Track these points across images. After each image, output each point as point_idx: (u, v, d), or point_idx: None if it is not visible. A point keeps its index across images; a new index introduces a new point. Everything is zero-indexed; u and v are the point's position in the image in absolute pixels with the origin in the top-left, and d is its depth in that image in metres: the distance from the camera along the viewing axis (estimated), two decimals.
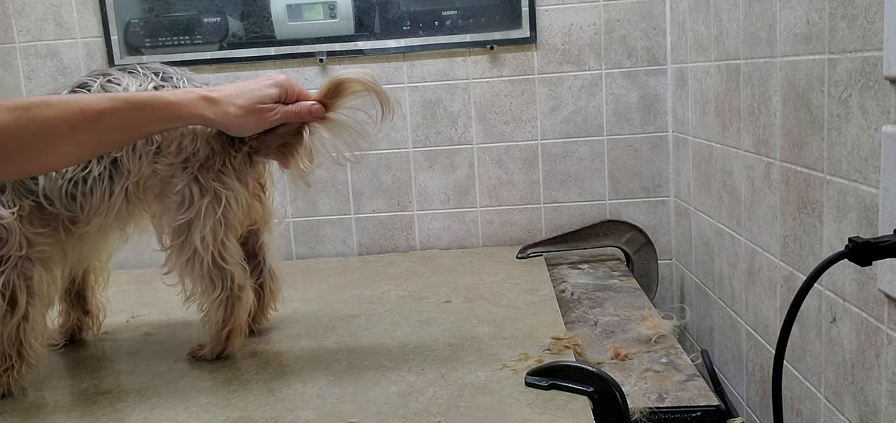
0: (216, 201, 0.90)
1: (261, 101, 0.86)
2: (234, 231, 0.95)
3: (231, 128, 0.87)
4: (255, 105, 0.85)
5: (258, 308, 1.06)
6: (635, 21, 1.47)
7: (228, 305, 0.95)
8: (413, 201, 1.56)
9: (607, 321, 1.14)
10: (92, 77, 0.93)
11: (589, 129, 1.52)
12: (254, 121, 0.86)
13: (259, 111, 0.86)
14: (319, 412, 0.81)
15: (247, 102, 0.85)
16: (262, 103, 0.86)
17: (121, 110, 0.79)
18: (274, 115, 0.87)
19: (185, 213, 0.91)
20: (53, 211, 0.90)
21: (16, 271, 0.87)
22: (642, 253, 1.49)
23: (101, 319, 1.11)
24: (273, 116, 0.87)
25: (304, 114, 0.89)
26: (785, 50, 0.92)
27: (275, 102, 0.87)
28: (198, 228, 0.90)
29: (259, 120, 0.86)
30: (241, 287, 0.95)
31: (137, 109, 0.80)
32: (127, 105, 0.80)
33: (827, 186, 0.83)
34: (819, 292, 0.86)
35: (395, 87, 1.52)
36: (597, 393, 0.80)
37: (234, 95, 0.85)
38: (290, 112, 0.88)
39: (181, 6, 1.49)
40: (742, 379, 1.16)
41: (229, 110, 0.84)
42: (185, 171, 0.91)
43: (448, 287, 1.26)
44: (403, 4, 1.47)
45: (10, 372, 0.90)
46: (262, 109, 0.86)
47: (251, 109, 0.85)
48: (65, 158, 0.79)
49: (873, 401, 0.76)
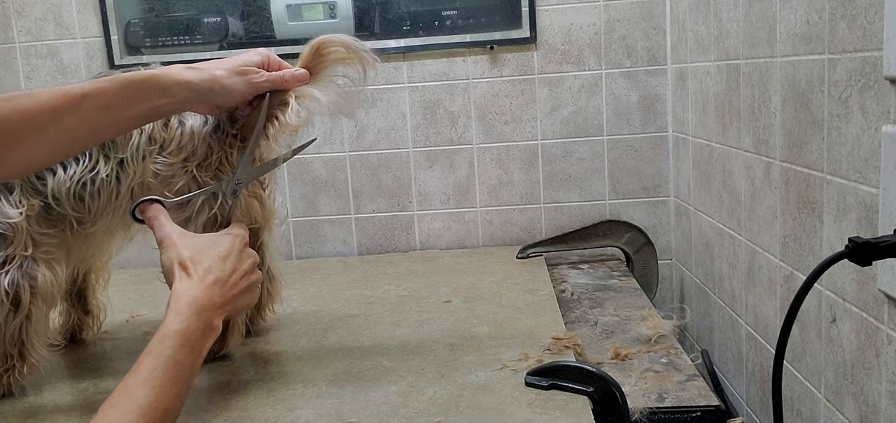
0: (212, 198, 0.91)
1: (245, 64, 0.85)
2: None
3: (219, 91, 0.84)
4: (239, 67, 0.85)
5: (255, 309, 1.06)
6: (635, 21, 1.47)
7: None
8: (413, 201, 1.56)
9: (607, 321, 1.14)
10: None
11: (589, 129, 1.52)
12: (241, 81, 0.85)
13: (245, 72, 0.85)
14: (319, 412, 0.81)
15: (231, 64, 0.85)
16: (246, 66, 0.85)
17: (105, 90, 0.77)
18: (259, 77, 0.86)
19: (183, 211, 0.91)
20: (61, 211, 0.90)
21: (21, 271, 0.88)
22: (642, 253, 1.49)
23: (101, 318, 1.11)
24: (258, 78, 0.86)
25: (289, 79, 0.88)
26: (785, 50, 0.92)
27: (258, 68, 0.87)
28: (193, 224, 0.90)
29: (246, 82, 0.85)
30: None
31: (121, 87, 0.78)
32: (110, 84, 0.78)
33: (827, 186, 0.83)
34: (819, 292, 0.86)
35: (395, 87, 1.52)
36: (597, 393, 0.80)
37: (218, 62, 0.85)
38: (275, 78, 0.87)
39: (181, 6, 1.49)
40: (742, 379, 1.16)
41: (215, 72, 0.83)
42: (185, 169, 0.91)
43: (448, 287, 1.26)
44: (403, 4, 1.48)
45: (10, 372, 0.90)
46: (247, 71, 0.85)
47: (236, 70, 0.85)
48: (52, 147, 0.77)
49: (873, 401, 0.76)
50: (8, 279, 0.87)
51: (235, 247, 0.82)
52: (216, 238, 0.82)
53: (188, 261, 0.77)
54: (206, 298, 0.75)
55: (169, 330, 0.70)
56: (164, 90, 0.81)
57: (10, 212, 0.87)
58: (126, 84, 0.79)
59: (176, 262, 0.77)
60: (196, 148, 0.91)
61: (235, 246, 0.82)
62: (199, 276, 0.76)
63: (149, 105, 0.81)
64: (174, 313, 0.72)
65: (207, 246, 0.80)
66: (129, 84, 0.79)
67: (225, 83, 0.84)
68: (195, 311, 0.73)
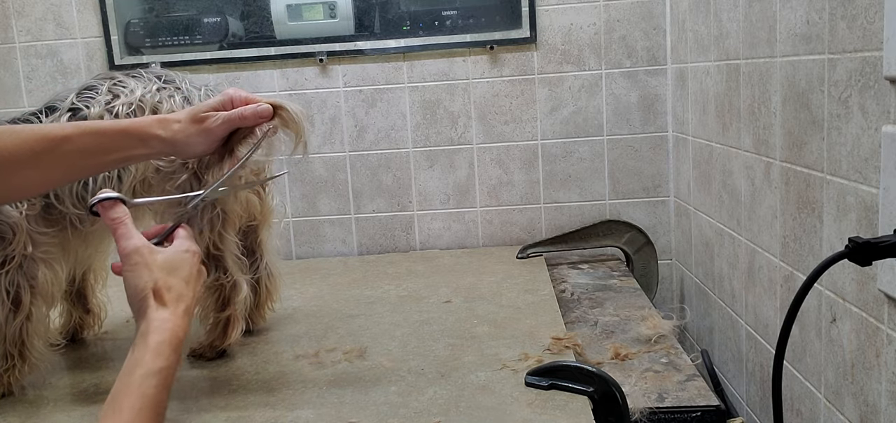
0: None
1: (200, 110, 0.83)
2: (232, 225, 0.96)
3: (179, 145, 0.83)
4: (195, 114, 0.83)
5: (255, 306, 1.06)
6: (635, 21, 1.47)
7: (222, 292, 0.96)
8: (413, 201, 1.56)
9: (607, 321, 1.14)
10: (100, 80, 0.94)
11: (589, 129, 1.52)
12: (196, 129, 0.83)
13: (200, 120, 0.83)
14: (319, 412, 0.81)
15: (186, 114, 0.83)
16: (202, 113, 0.83)
17: (83, 136, 0.78)
18: (215, 121, 0.83)
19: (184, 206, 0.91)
20: (61, 210, 0.91)
21: (21, 271, 0.88)
22: (642, 253, 1.49)
23: (102, 318, 1.12)
24: (213, 122, 0.83)
25: (248, 116, 0.85)
26: (785, 50, 0.92)
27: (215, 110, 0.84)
28: (196, 220, 0.91)
29: (201, 129, 0.83)
30: (232, 276, 0.96)
31: (98, 135, 0.79)
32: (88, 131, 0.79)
33: (827, 186, 0.83)
34: (819, 292, 0.86)
35: (395, 87, 1.52)
36: (597, 393, 0.80)
37: (180, 114, 0.84)
38: (232, 116, 0.84)
39: (181, 6, 1.49)
40: (742, 379, 1.16)
41: (173, 126, 0.82)
42: (186, 166, 0.92)
43: (448, 287, 1.26)
44: (403, 4, 1.48)
45: (10, 372, 0.90)
46: (203, 117, 0.83)
47: (192, 119, 0.83)
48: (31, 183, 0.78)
49: (873, 401, 0.76)
50: (8, 279, 0.87)
51: (194, 268, 0.78)
52: (179, 257, 0.77)
53: (163, 288, 0.73)
54: (181, 331, 0.72)
55: (152, 367, 0.67)
56: (142, 142, 0.80)
57: (11, 211, 0.87)
58: (103, 132, 0.79)
59: (150, 288, 0.72)
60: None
61: (194, 266, 0.78)
62: (173, 305, 0.72)
63: (125, 154, 0.81)
64: (155, 349, 0.68)
65: (173, 266, 0.75)
66: (105, 133, 0.79)
67: (182, 136, 0.82)
68: (174, 348, 0.70)
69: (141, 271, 0.72)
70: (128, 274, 0.73)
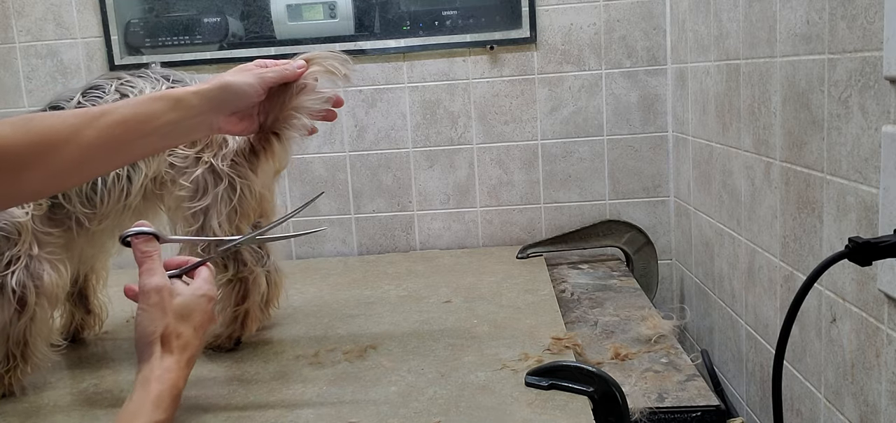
0: (231, 190, 0.92)
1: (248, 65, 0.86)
2: (247, 218, 0.97)
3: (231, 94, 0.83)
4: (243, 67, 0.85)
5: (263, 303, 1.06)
6: (635, 21, 1.47)
7: (241, 286, 0.97)
8: (413, 201, 1.56)
9: (607, 321, 1.14)
10: (106, 79, 0.93)
11: (589, 129, 1.52)
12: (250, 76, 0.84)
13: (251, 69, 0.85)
14: (319, 412, 0.81)
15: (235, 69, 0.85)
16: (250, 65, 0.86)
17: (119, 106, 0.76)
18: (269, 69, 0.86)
19: (199, 200, 0.92)
20: (67, 210, 0.91)
21: (27, 272, 0.88)
22: (642, 253, 1.49)
23: (102, 318, 1.12)
24: (268, 72, 0.86)
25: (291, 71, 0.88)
26: (785, 50, 0.92)
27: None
28: (214, 214, 0.91)
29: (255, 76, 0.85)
30: (252, 270, 0.97)
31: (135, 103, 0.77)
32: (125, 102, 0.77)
33: (827, 186, 0.83)
34: (819, 292, 0.86)
35: (395, 87, 1.52)
36: (597, 393, 0.80)
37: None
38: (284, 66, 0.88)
39: (181, 6, 1.49)
40: (742, 379, 1.16)
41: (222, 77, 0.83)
42: (199, 160, 0.92)
43: (448, 287, 1.26)
44: (403, 4, 1.48)
45: (11, 372, 0.90)
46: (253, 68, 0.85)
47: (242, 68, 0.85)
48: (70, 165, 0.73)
49: (873, 401, 0.76)
50: (14, 280, 0.86)
51: (206, 316, 0.78)
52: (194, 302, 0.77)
53: (173, 335, 0.73)
54: (182, 381, 0.72)
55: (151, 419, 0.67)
56: (178, 102, 0.78)
57: (17, 212, 0.87)
58: (139, 101, 0.78)
59: (159, 333, 0.72)
60: (211, 139, 0.92)
61: (207, 313, 0.78)
62: (178, 353, 0.73)
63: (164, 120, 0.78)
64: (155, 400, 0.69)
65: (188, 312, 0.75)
66: (141, 101, 0.78)
67: (234, 82, 0.82)
68: (174, 398, 0.71)
69: (155, 313, 0.73)
70: (142, 313, 0.73)
